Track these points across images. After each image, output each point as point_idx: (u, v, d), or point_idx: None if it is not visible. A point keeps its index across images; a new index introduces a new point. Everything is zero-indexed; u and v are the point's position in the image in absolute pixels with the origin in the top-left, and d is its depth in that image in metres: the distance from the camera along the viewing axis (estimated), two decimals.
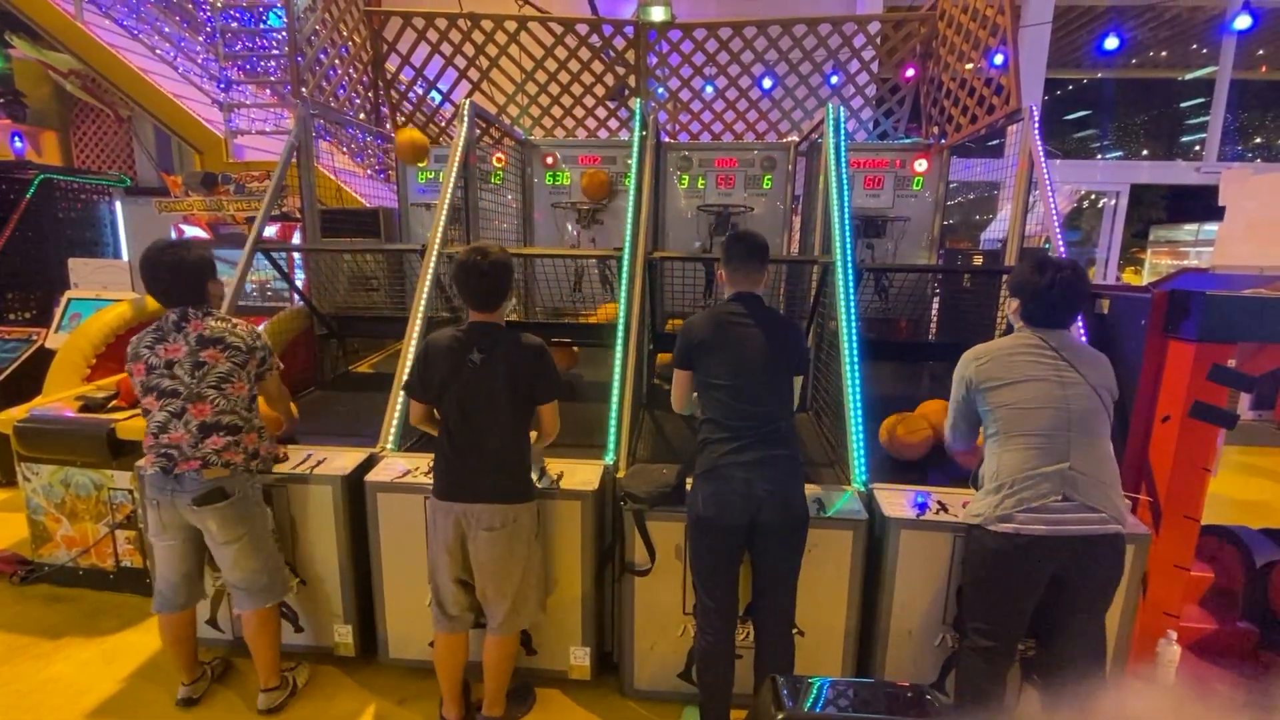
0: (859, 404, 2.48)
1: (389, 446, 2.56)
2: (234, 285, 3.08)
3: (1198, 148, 9.34)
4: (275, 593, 2.30)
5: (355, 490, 2.38)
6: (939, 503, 2.24)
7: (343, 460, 2.47)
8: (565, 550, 2.33)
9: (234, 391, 2.17)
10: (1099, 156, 9.57)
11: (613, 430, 2.54)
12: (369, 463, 2.48)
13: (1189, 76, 9.59)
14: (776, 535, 1.98)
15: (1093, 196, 8.09)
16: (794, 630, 2.13)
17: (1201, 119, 9.40)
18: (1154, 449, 2.46)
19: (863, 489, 2.34)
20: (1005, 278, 3.28)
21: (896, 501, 2.25)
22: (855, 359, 2.55)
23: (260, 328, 3.33)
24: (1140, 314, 2.49)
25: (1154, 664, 2.32)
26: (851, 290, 2.69)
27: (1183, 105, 9.79)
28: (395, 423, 2.61)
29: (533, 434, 2.20)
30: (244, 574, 2.22)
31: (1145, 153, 9.99)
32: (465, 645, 2.21)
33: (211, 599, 2.53)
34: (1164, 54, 9.91)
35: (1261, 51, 9.04)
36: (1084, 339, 2.56)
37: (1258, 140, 9.72)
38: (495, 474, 2.04)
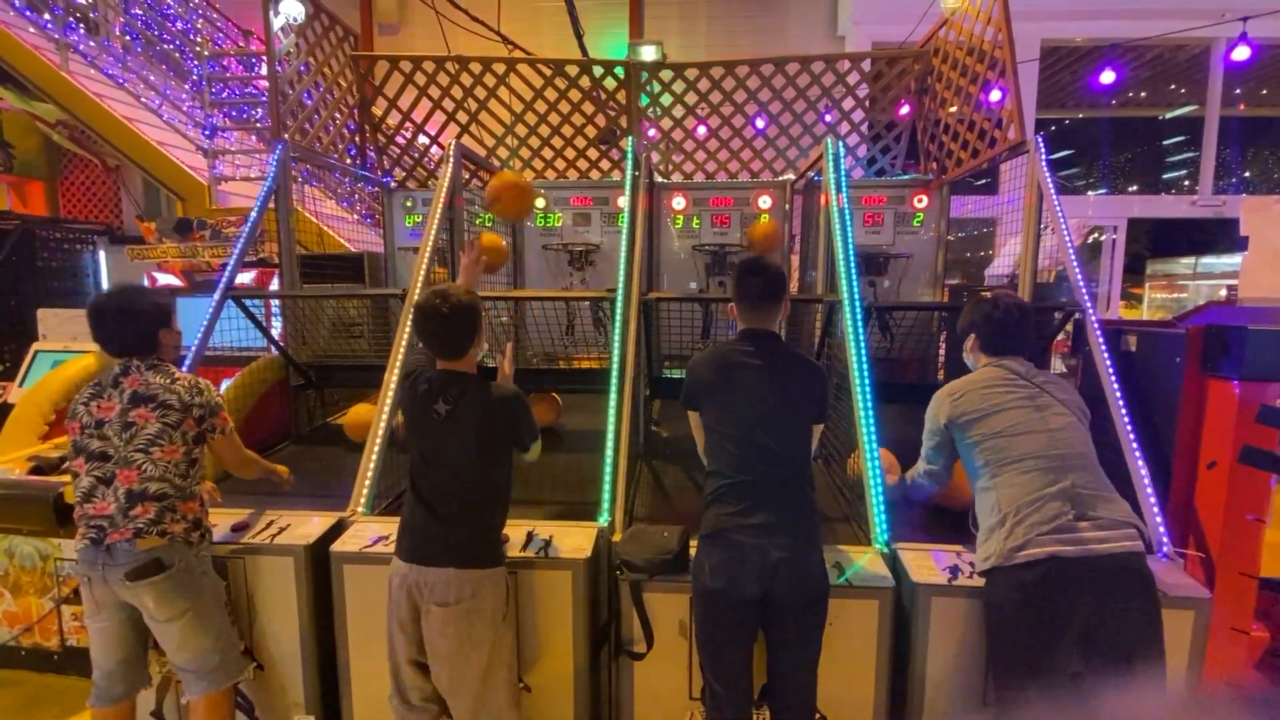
0: (876, 453, 2.27)
1: (361, 510, 2.33)
2: (203, 335, 2.91)
3: (1186, 183, 9.42)
4: (229, 673, 2.02)
5: (320, 561, 2.13)
6: (971, 564, 2.01)
7: (307, 526, 2.23)
8: (554, 627, 2.07)
9: (164, 456, 1.92)
10: (1088, 194, 9.64)
11: (607, 487, 2.31)
12: (337, 529, 2.24)
13: (1170, 115, 9.75)
14: (794, 611, 1.75)
15: (1098, 233, 8.09)
16: (816, 715, 1.87)
17: (1183, 156, 9.52)
18: (1201, 498, 2.25)
19: (885, 550, 2.11)
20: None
21: (925, 564, 2.02)
22: (869, 402, 2.36)
23: (229, 380, 3.13)
24: (1173, 351, 2.32)
25: None
26: (861, 329, 2.52)
27: (1164, 143, 9.95)
28: (369, 481, 2.37)
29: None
30: (192, 654, 1.95)
31: (1134, 188, 10.07)
32: None
33: (157, 687, 2.24)
34: (1144, 94, 10.12)
35: (1238, 90, 9.22)
36: (1113, 377, 2.37)
37: (1246, 174, 9.83)
38: (454, 533, 1.83)
